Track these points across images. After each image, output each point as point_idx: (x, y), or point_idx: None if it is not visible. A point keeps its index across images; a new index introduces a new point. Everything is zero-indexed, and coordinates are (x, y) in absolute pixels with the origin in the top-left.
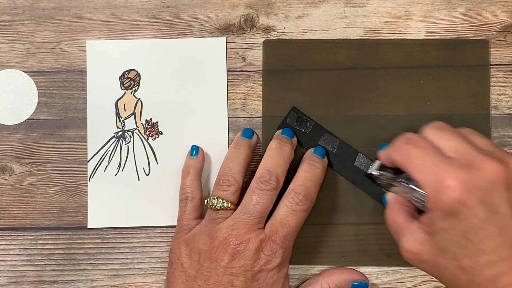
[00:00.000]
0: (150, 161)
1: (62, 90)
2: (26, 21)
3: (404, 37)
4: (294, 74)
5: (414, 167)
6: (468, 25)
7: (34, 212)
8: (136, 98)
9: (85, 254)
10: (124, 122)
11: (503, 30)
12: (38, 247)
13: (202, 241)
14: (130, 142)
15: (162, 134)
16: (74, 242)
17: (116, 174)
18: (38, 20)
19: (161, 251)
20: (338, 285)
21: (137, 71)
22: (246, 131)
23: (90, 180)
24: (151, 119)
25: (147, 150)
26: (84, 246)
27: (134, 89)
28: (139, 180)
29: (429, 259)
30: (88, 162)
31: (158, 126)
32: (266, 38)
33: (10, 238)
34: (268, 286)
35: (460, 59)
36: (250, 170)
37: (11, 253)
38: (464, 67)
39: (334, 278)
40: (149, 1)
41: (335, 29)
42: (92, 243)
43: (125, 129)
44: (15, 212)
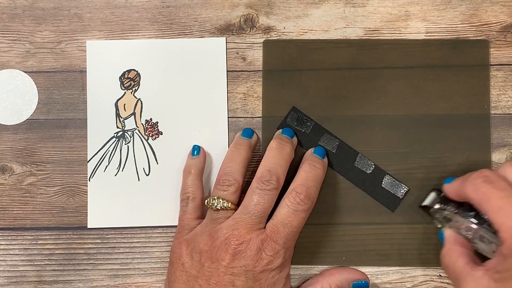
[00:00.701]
0: (150, 161)
1: (62, 90)
2: (26, 21)
3: (404, 37)
4: (294, 74)
5: (492, 209)
6: (468, 25)
7: (34, 212)
8: (136, 98)
9: (85, 254)
10: (124, 122)
11: (503, 30)
12: (38, 247)
13: (203, 241)
14: (130, 142)
15: (162, 134)
16: (74, 242)
17: (116, 174)
18: (38, 20)
19: (161, 251)
20: (339, 285)
21: (137, 71)
22: (246, 131)
23: (90, 180)
24: (151, 119)
25: (147, 150)
26: (84, 246)
27: (134, 89)
28: (139, 180)
29: None
30: (88, 162)
31: (158, 126)
32: (266, 38)
33: (10, 238)
34: (269, 286)
35: (460, 59)
36: (250, 170)
37: (11, 253)
38: (464, 67)
39: (335, 278)
40: (149, 1)
41: (335, 29)
42: (92, 243)
43: (125, 129)
44: (15, 212)
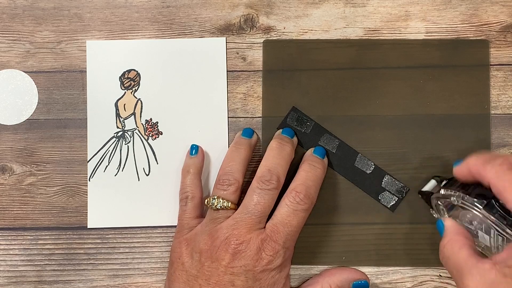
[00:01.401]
0: (150, 161)
1: (62, 90)
2: (26, 21)
3: (404, 37)
4: (294, 74)
5: None
6: (468, 25)
7: (34, 212)
8: (136, 98)
9: (85, 254)
10: (124, 122)
11: (503, 30)
12: (38, 247)
13: (203, 240)
14: (130, 142)
15: (162, 134)
16: (74, 242)
17: (116, 174)
18: (38, 20)
19: (161, 251)
20: (339, 285)
21: (137, 71)
22: (246, 131)
23: (90, 180)
24: (151, 119)
25: (147, 150)
26: (84, 246)
27: (134, 89)
28: (139, 180)
29: None
30: (88, 162)
31: (158, 126)
32: (266, 38)
33: (10, 238)
34: (269, 286)
35: (460, 59)
36: (251, 170)
37: (11, 253)
38: (464, 67)
39: (335, 278)
40: (149, 1)
41: (335, 29)
42: (92, 243)
43: (125, 129)
44: (15, 212)
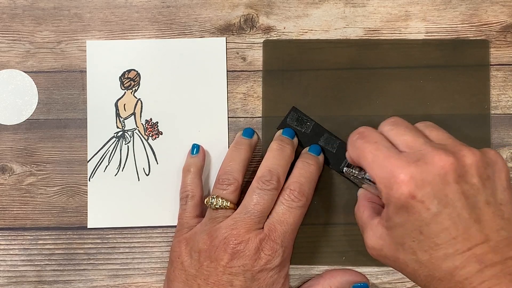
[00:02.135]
0: (150, 161)
1: (62, 90)
2: (26, 21)
3: (404, 37)
4: (294, 74)
5: (367, 163)
6: (468, 25)
7: (34, 212)
8: (136, 98)
9: (85, 254)
10: (124, 122)
11: (503, 30)
12: (38, 247)
13: (202, 240)
14: (130, 142)
15: (162, 134)
16: (74, 242)
17: (116, 174)
18: (38, 20)
19: (161, 251)
20: (340, 287)
21: (137, 71)
22: (247, 131)
23: (90, 180)
24: (151, 119)
25: (147, 150)
26: (84, 246)
27: (134, 89)
28: (139, 180)
29: (389, 254)
30: (88, 162)
31: (158, 126)
32: (266, 38)
33: (10, 238)
34: (268, 286)
35: (460, 59)
36: (251, 170)
37: (11, 253)
38: (464, 67)
39: (335, 280)
40: (149, 1)
41: (335, 29)
42: (92, 243)
43: (125, 129)
44: (15, 212)
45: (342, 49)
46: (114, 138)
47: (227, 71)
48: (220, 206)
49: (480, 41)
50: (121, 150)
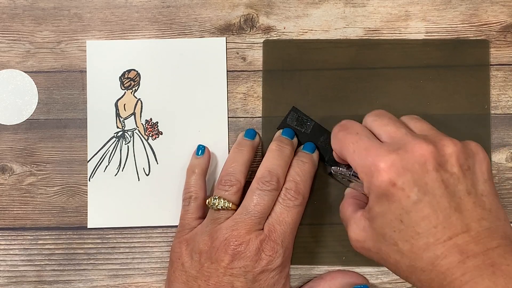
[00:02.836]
0: (150, 161)
1: (62, 90)
2: (26, 21)
3: (404, 37)
4: (294, 74)
5: (348, 154)
6: (468, 25)
7: (34, 212)
8: (136, 98)
9: (85, 254)
10: (124, 122)
11: (503, 30)
12: (38, 247)
13: (203, 241)
14: (130, 142)
15: (162, 134)
16: (74, 242)
17: (116, 174)
18: (38, 20)
19: (161, 251)
20: None
21: (137, 71)
22: (249, 132)
23: (90, 180)
24: (151, 119)
25: (147, 150)
26: (84, 246)
27: (134, 89)
28: (139, 180)
29: (372, 246)
30: (88, 162)
31: (158, 126)
32: (266, 38)
33: (10, 238)
34: (269, 286)
35: (460, 59)
36: (251, 170)
37: (11, 253)
38: (464, 67)
39: (336, 282)
40: (149, 1)
41: (335, 29)
42: (92, 243)
43: (125, 129)
44: (15, 212)
45: (342, 49)
46: (114, 138)
47: (227, 71)
48: (222, 207)
49: (480, 41)
50: (121, 150)
